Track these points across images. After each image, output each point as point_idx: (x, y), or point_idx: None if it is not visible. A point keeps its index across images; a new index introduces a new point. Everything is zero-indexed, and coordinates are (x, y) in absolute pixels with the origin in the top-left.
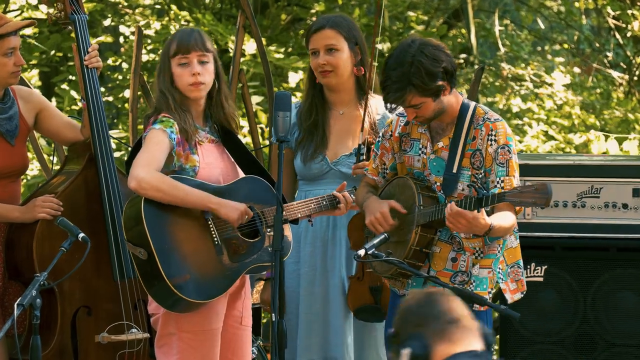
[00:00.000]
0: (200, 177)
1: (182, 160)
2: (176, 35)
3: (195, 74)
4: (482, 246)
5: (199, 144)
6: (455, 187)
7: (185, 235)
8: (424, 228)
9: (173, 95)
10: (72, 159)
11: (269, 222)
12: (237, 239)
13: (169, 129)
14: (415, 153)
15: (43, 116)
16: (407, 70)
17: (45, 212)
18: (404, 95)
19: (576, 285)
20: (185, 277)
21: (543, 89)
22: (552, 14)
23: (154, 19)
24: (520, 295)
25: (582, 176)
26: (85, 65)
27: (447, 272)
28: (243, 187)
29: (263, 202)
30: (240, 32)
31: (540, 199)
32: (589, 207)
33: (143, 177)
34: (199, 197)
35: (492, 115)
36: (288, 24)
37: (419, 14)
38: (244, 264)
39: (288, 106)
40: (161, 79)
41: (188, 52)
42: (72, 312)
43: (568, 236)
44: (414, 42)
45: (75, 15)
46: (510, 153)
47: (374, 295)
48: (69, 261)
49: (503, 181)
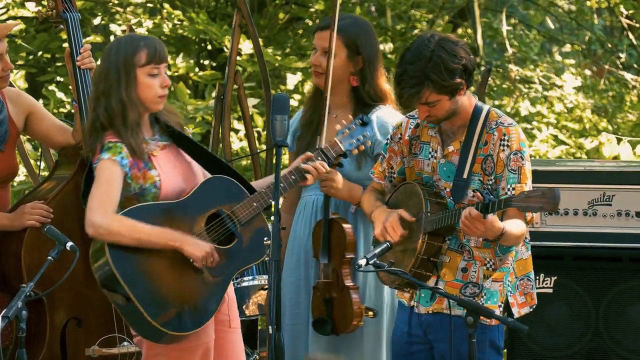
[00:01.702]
0: (164, 190)
1: (141, 182)
2: (141, 42)
3: (166, 85)
4: (494, 258)
5: (153, 156)
6: (465, 193)
7: (159, 269)
8: (431, 236)
9: (135, 110)
10: (63, 163)
11: (242, 219)
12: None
13: (119, 156)
14: (425, 157)
15: (33, 119)
16: (425, 65)
17: (34, 219)
18: (421, 91)
19: (587, 297)
20: (170, 313)
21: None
22: (562, 13)
23: (145, 18)
24: (529, 309)
25: (594, 183)
26: (77, 66)
27: (457, 283)
28: (206, 192)
29: (231, 201)
30: (236, 32)
31: (548, 204)
32: (600, 216)
33: (100, 223)
34: (161, 237)
35: (506, 120)
36: (286, 24)
37: (423, 13)
38: (227, 274)
39: (286, 109)
40: (123, 90)
41: (160, 62)
42: (62, 323)
43: (579, 246)
44: (433, 37)
45: (67, 13)
46: (523, 160)
47: (326, 306)
48: (59, 270)
49: (514, 188)
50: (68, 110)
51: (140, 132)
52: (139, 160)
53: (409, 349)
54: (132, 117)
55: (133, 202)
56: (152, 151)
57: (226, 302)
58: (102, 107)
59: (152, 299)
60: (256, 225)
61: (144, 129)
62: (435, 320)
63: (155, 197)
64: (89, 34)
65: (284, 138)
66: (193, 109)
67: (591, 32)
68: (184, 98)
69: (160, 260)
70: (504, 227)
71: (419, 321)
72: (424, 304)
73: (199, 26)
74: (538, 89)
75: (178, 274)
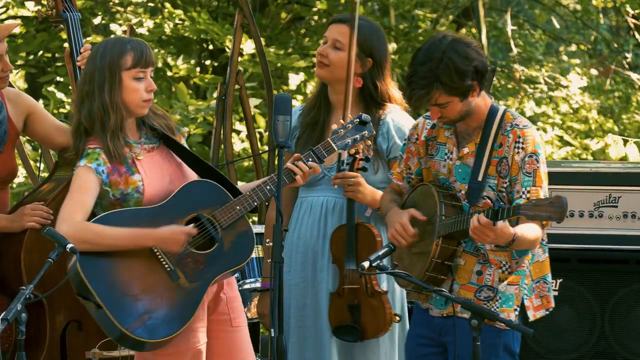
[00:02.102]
0: (148, 195)
1: (122, 187)
2: (127, 45)
3: (152, 90)
4: (510, 260)
5: (137, 160)
6: (480, 196)
7: (131, 274)
8: (445, 239)
9: (118, 114)
10: (63, 164)
11: (223, 223)
12: (192, 256)
13: (95, 163)
14: (441, 158)
15: (32, 119)
16: (435, 66)
17: (34, 221)
18: (430, 92)
19: (593, 300)
20: (142, 319)
21: (558, 92)
22: (567, 12)
23: (146, 17)
24: (545, 312)
25: (600, 184)
26: (77, 67)
27: (471, 286)
28: (186, 196)
29: (212, 205)
30: (238, 32)
31: (555, 212)
32: (606, 217)
33: (66, 233)
34: (131, 238)
35: (521, 122)
36: (288, 23)
37: (426, 13)
38: (206, 278)
39: (288, 110)
40: (107, 94)
41: (147, 66)
42: (62, 326)
43: (584, 248)
44: (446, 38)
45: (67, 12)
46: (538, 162)
47: (352, 313)
48: (59, 272)
49: (529, 192)
50: (68, 110)
51: (120, 137)
52: (119, 165)
53: (423, 351)
54: (113, 121)
55: (116, 207)
56: (137, 155)
57: (224, 302)
58: (86, 109)
59: (123, 306)
60: (239, 228)
61: (129, 133)
62: (450, 324)
63: (138, 202)
64: (89, 33)
65: (287, 139)
66: (194, 109)
67: (597, 31)
68: (185, 98)
69: (133, 266)
70: (515, 232)
71: (433, 324)
72: (439, 307)
73: (200, 26)
74: (543, 89)
75: (151, 280)
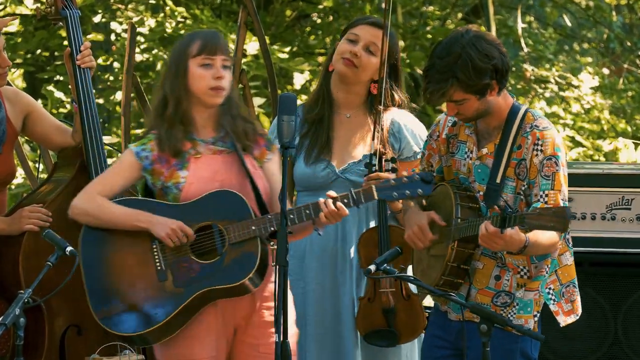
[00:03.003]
0: (186, 194)
1: (163, 178)
2: (197, 35)
3: (220, 77)
4: (529, 265)
5: (194, 158)
6: (498, 198)
7: (122, 262)
8: (461, 242)
9: (179, 104)
10: (62, 166)
11: (232, 239)
12: (189, 262)
13: (140, 147)
14: (462, 157)
15: (31, 119)
16: (453, 61)
17: (33, 224)
18: (445, 88)
19: (605, 305)
20: (114, 308)
21: (569, 92)
22: (579, 10)
23: (148, 15)
24: (575, 317)
25: (612, 186)
26: (77, 65)
27: (489, 291)
28: (209, 203)
29: (231, 218)
30: (241, 30)
31: (559, 223)
32: (619, 220)
33: (75, 203)
34: (127, 218)
35: (542, 123)
36: (293, 21)
37: (435, 10)
38: (192, 288)
39: (293, 109)
40: (172, 81)
41: (214, 53)
42: (61, 331)
43: (597, 251)
44: (468, 33)
45: (67, 10)
46: (558, 165)
47: (387, 317)
48: (58, 276)
49: (547, 195)
50: (68, 110)
51: (179, 128)
52: (170, 156)
53: (438, 353)
54: (170, 111)
55: (161, 197)
56: (196, 153)
57: (255, 325)
58: (158, 96)
59: (102, 291)
60: (246, 249)
61: (200, 129)
62: (467, 329)
63: (176, 199)
64: (89, 31)
65: (291, 139)
66: None
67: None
68: None
69: (128, 255)
70: (527, 238)
71: (451, 327)
72: (456, 311)
73: (202, 24)
74: (554, 89)
75: (139, 272)
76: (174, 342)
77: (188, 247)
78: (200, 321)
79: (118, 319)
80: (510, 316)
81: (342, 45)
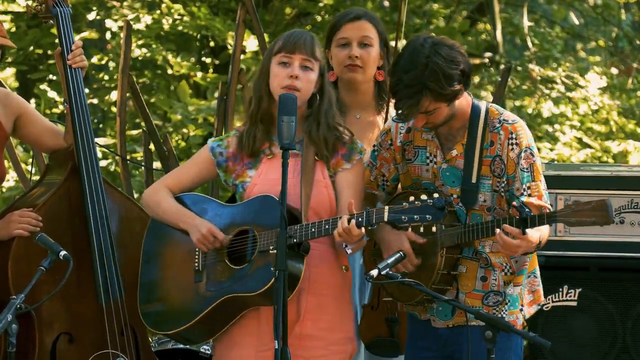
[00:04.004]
0: (249, 194)
1: (234, 177)
2: (286, 33)
3: (293, 75)
4: (509, 261)
5: (267, 159)
6: (476, 198)
7: (172, 260)
8: (449, 249)
9: (259, 101)
10: (54, 168)
11: (261, 247)
12: (223, 265)
13: (217, 142)
14: (422, 162)
15: (23, 121)
16: (421, 73)
17: (22, 228)
18: (420, 101)
19: (614, 311)
20: (154, 305)
21: (577, 92)
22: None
23: (144, 13)
24: (537, 307)
25: (621, 189)
26: (68, 65)
27: (477, 294)
28: (255, 207)
29: (269, 225)
30: (240, 28)
31: (602, 217)
32: (628, 224)
33: (144, 193)
34: (174, 216)
35: (509, 116)
36: (293, 19)
37: (439, 9)
38: (219, 292)
39: (293, 110)
40: (257, 79)
41: (292, 52)
42: (52, 339)
43: (605, 256)
44: (426, 41)
45: (57, 8)
46: (534, 156)
47: (390, 326)
48: (49, 282)
49: (530, 187)
50: (61, 110)
51: (260, 128)
52: (246, 155)
53: None
54: (253, 109)
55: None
56: (271, 154)
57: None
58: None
59: (149, 284)
60: (271, 258)
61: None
62: (456, 334)
63: (241, 198)
64: (83, 29)
65: (292, 141)
66: (195, 109)
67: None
68: (185, 98)
69: (176, 251)
70: (540, 236)
71: (437, 335)
72: (443, 318)
73: (200, 21)
74: (561, 89)
75: (180, 271)
76: (217, 344)
77: (225, 251)
78: (240, 325)
79: (155, 316)
80: (503, 314)
81: (338, 54)
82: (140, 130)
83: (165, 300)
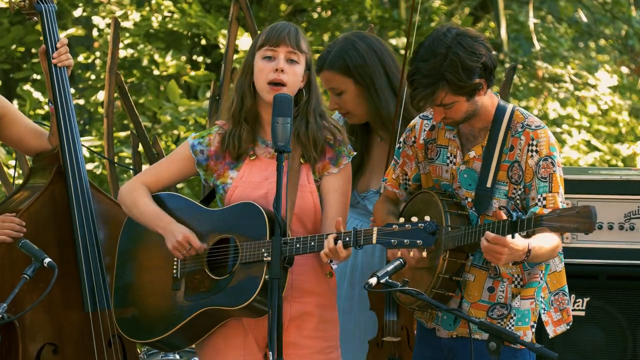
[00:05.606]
0: (229, 197)
1: (214, 176)
2: (270, 26)
3: (279, 69)
4: (521, 273)
5: (248, 159)
6: (490, 204)
7: (149, 264)
8: (452, 252)
9: (241, 99)
10: (38, 171)
11: (243, 259)
12: (202, 274)
13: (197, 139)
14: (443, 162)
15: (5, 122)
16: (440, 63)
17: (5, 234)
18: (435, 92)
19: (623, 321)
20: (129, 310)
21: (585, 92)
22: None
23: (132, 9)
24: (566, 327)
25: (631, 193)
26: (53, 64)
27: (483, 305)
28: (237, 213)
29: (250, 235)
30: (233, 25)
31: (584, 223)
32: (638, 230)
33: (120, 191)
34: (151, 219)
35: (533, 121)
36: (288, 16)
37: (440, 5)
38: (198, 303)
39: (288, 111)
40: (240, 76)
41: (277, 45)
42: (36, 350)
43: (614, 263)
44: (450, 31)
45: (42, 4)
46: (554, 166)
47: None
48: (32, 290)
49: (545, 198)
50: (46, 111)
51: (244, 127)
52: (228, 154)
53: None
54: (234, 107)
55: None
56: (253, 154)
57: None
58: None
59: (124, 288)
60: (253, 272)
61: (266, 127)
62: (459, 345)
63: (221, 199)
64: (69, 26)
65: (287, 143)
66: (185, 110)
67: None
68: (175, 98)
69: (154, 256)
70: (529, 244)
71: (441, 345)
72: (447, 328)
73: (191, 19)
74: (569, 88)
75: (158, 277)
76: (200, 352)
77: (205, 259)
78: (224, 335)
79: (131, 323)
80: (508, 329)
81: (329, 106)
82: (128, 132)
83: (141, 306)
